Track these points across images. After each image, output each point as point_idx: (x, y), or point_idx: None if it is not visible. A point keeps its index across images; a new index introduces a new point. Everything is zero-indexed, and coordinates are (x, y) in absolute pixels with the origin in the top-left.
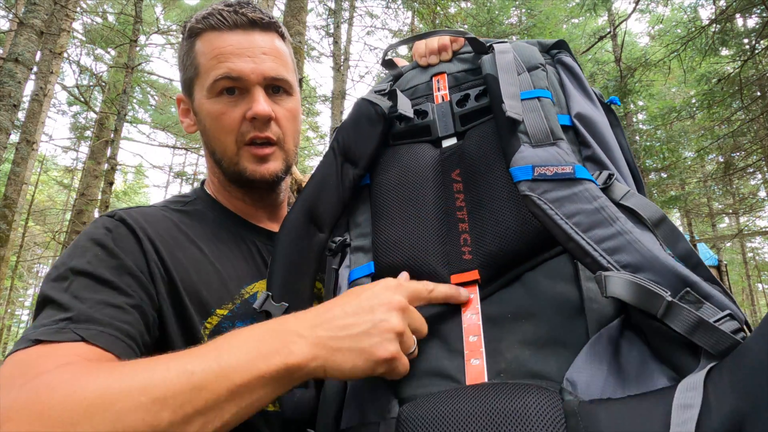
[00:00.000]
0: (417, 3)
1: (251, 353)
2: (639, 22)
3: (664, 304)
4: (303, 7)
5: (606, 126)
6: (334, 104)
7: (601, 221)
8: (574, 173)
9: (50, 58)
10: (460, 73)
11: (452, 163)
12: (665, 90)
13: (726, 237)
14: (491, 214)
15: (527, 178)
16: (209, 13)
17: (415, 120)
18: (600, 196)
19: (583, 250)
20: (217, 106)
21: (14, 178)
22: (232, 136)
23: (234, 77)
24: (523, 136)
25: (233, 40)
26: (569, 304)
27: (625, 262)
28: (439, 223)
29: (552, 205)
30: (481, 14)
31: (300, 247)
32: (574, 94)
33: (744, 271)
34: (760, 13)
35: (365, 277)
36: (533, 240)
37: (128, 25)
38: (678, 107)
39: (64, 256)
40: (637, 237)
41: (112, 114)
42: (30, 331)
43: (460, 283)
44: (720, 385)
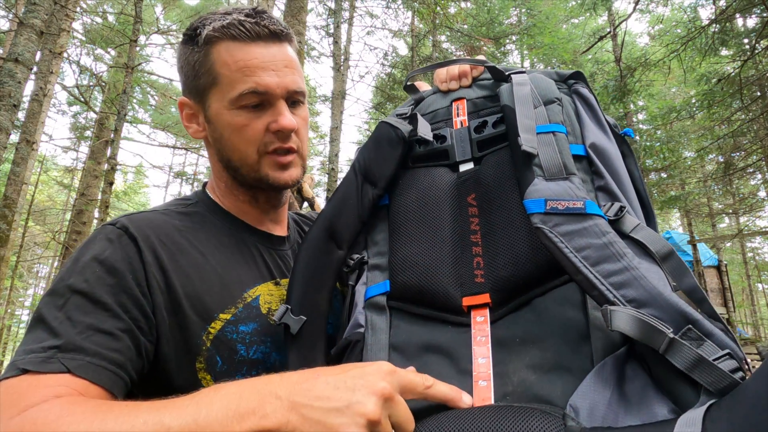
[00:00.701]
0: (417, 3)
1: (229, 412)
2: (639, 22)
3: (666, 341)
4: (303, 7)
5: (618, 157)
6: (334, 104)
7: (609, 256)
8: (585, 209)
9: (50, 58)
10: (479, 99)
11: (468, 188)
12: (665, 90)
13: (726, 237)
14: (505, 240)
15: (540, 211)
16: (229, 23)
17: (434, 144)
18: (609, 231)
19: (590, 283)
20: (240, 118)
21: (14, 178)
22: (254, 146)
23: (261, 92)
24: (537, 168)
25: (257, 53)
26: (576, 330)
27: (631, 297)
28: (454, 245)
29: (562, 238)
30: (481, 14)
31: (319, 263)
32: (589, 125)
33: (744, 271)
34: (760, 13)
35: (381, 296)
36: (544, 267)
37: (128, 25)
38: (678, 107)
39: (64, 270)
40: (643, 273)
41: (112, 114)
42: (19, 356)
43: (472, 306)
44: (718, 423)
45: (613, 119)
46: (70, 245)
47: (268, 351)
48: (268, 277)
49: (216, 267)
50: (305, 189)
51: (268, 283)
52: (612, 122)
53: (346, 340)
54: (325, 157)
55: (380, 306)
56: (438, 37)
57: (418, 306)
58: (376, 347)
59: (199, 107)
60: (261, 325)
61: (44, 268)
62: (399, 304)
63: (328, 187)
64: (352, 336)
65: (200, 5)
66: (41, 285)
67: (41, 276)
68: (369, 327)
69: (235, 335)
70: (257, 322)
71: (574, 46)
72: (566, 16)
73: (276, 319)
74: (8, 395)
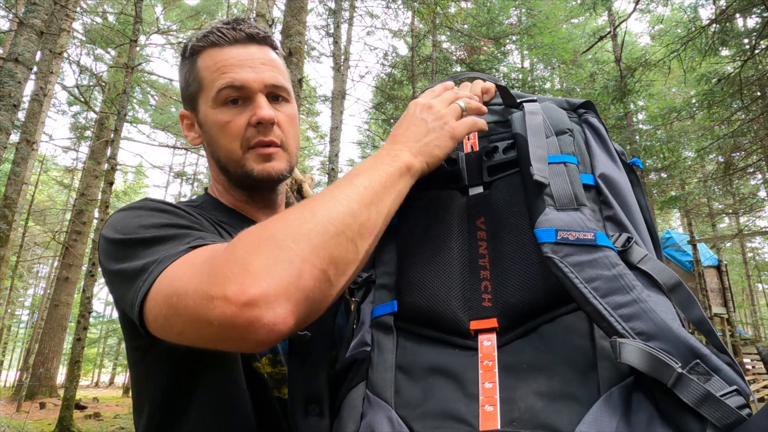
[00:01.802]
0: (417, 3)
1: (379, 170)
2: (639, 22)
3: (674, 375)
4: (303, 7)
5: (628, 187)
6: (334, 104)
7: (618, 288)
8: (595, 240)
9: (50, 58)
10: (489, 125)
11: (478, 212)
12: (665, 90)
13: (726, 237)
14: (514, 266)
15: (550, 240)
16: (209, 32)
17: (445, 167)
18: (619, 263)
19: (600, 314)
20: (223, 116)
21: (14, 178)
22: (237, 141)
23: (237, 86)
24: (549, 198)
25: (234, 53)
26: (583, 359)
27: (640, 329)
28: (462, 268)
29: (573, 268)
30: (481, 14)
31: None
32: (598, 155)
33: (744, 271)
34: (760, 13)
35: (388, 315)
36: (553, 294)
37: (128, 25)
38: (678, 107)
39: (124, 226)
40: (652, 306)
41: (112, 114)
42: (161, 255)
43: (479, 329)
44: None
45: (621, 148)
46: (70, 245)
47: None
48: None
49: None
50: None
51: None
52: (620, 150)
53: (352, 357)
54: (325, 157)
55: (387, 326)
56: (438, 37)
57: (425, 328)
58: (382, 367)
59: (193, 115)
60: None
61: (44, 268)
62: (406, 325)
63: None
64: (357, 354)
65: (200, 5)
66: (41, 285)
67: (41, 276)
68: (375, 346)
69: None
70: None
71: (574, 46)
72: (566, 16)
73: None
74: (203, 253)
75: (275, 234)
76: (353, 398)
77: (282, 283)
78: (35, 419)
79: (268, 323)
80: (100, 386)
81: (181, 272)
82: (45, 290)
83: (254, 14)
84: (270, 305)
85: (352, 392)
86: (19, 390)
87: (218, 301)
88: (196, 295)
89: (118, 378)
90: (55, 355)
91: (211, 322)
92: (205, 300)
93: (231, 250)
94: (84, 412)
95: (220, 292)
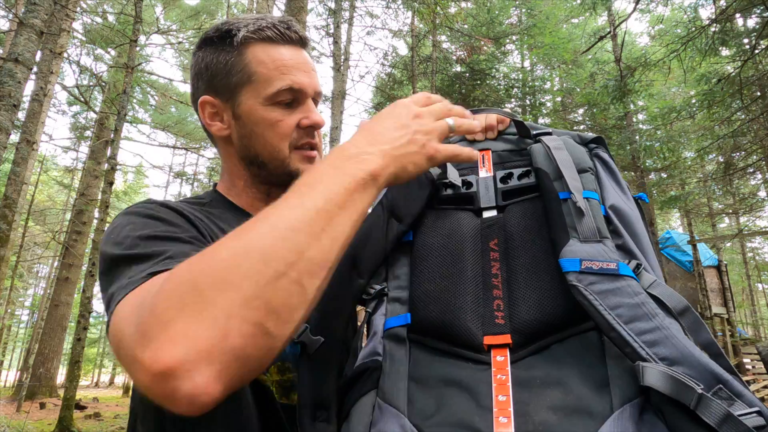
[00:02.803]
0: (417, 3)
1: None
2: (639, 22)
3: (695, 397)
4: (303, 7)
5: (637, 218)
6: (334, 104)
7: (641, 315)
8: (618, 270)
9: (50, 58)
10: (504, 152)
11: (492, 233)
12: (665, 90)
13: (726, 237)
14: (528, 286)
15: (575, 269)
16: (263, 26)
17: (461, 189)
18: (641, 292)
19: (624, 340)
20: (274, 114)
21: (14, 178)
22: (286, 141)
23: (296, 89)
24: (572, 231)
25: (289, 54)
26: (595, 377)
27: (663, 355)
28: (475, 286)
29: (597, 296)
30: (481, 14)
31: (340, 289)
32: (608, 187)
33: (744, 271)
34: (760, 13)
35: (401, 327)
36: (565, 316)
37: (128, 25)
38: (678, 107)
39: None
40: (674, 333)
41: (112, 114)
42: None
43: (493, 345)
44: None
45: (626, 182)
46: (70, 245)
47: None
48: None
49: None
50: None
51: None
52: (625, 185)
53: (363, 365)
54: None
55: (400, 337)
56: (438, 37)
57: (439, 341)
58: (395, 377)
59: (226, 105)
60: None
61: (44, 268)
62: (419, 337)
63: None
64: (369, 363)
65: (200, 5)
66: (41, 285)
67: (41, 276)
68: (387, 356)
69: None
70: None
71: (574, 46)
72: (566, 16)
73: (295, 337)
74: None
75: (199, 282)
76: (364, 405)
77: (202, 347)
78: (35, 419)
79: (186, 394)
80: (100, 386)
81: (125, 312)
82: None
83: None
84: (187, 374)
85: (362, 399)
86: (19, 390)
87: (137, 364)
88: (127, 348)
89: (118, 378)
90: (55, 355)
91: (138, 383)
92: (131, 358)
93: (157, 297)
94: (84, 412)
95: (139, 355)
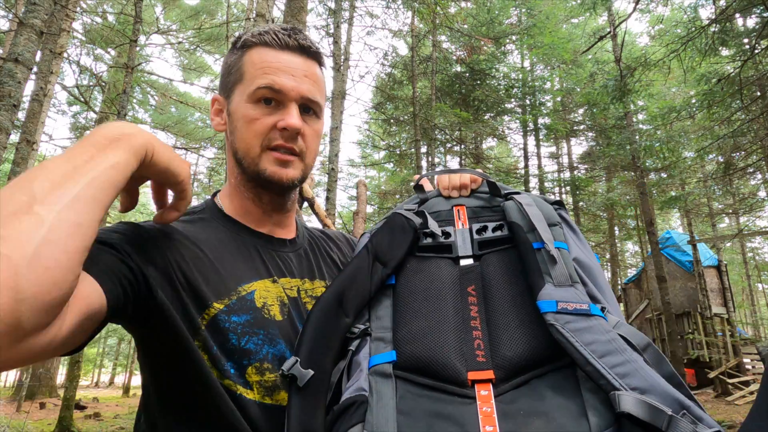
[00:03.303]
0: (417, 3)
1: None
2: (639, 22)
3: (666, 419)
4: (303, 7)
5: (598, 269)
6: (334, 104)
7: (613, 350)
8: (590, 310)
9: (50, 58)
10: (477, 208)
11: (469, 279)
12: (665, 90)
13: (726, 237)
14: (507, 326)
15: (552, 310)
16: (265, 32)
17: (440, 238)
18: (610, 330)
19: (599, 372)
20: (253, 112)
21: (14, 178)
22: (258, 139)
23: (275, 89)
24: (547, 276)
25: (281, 58)
26: (573, 408)
27: (634, 385)
28: (456, 327)
29: (573, 334)
30: (481, 14)
31: (329, 325)
32: (571, 243)
33: (744, 271)
34: (760, 13)
35: (387, 364)
36: (542, 352)
37: (128, 25)
38: (678, 107)
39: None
40: (642, 365)
41: (112, 114)
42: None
43: (476, 380)
44: None
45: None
46: None
47: (260, 343)
48: (265, 275)
49: (213, 261)
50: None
51: (265, 281)
52: (585, 240)
53: (351, 399)
54: (325, 157)
55: (386, 374)
56: (438, 37)
57: (424, 377)
58: (383, 410)
59: (225, 102)
60: (254, 318)
61: None
62: (404, 374)
63: (328, 187)
64: (356, 397)
65: (200, 5)
66: None
67: None
68: (374, 392)
69: (227, 324)
70: (250, 314)
71: (574, 46)
72: (566, 16)
73: (285, 369)
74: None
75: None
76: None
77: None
78: (35, 419)
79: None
80: (100, 386)
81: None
82: None
83: (254, 14)
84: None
85: (351, 430)
86: (19, 390)
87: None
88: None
89: (118, 378)
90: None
91: None
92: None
93: None
94: (84, 412)
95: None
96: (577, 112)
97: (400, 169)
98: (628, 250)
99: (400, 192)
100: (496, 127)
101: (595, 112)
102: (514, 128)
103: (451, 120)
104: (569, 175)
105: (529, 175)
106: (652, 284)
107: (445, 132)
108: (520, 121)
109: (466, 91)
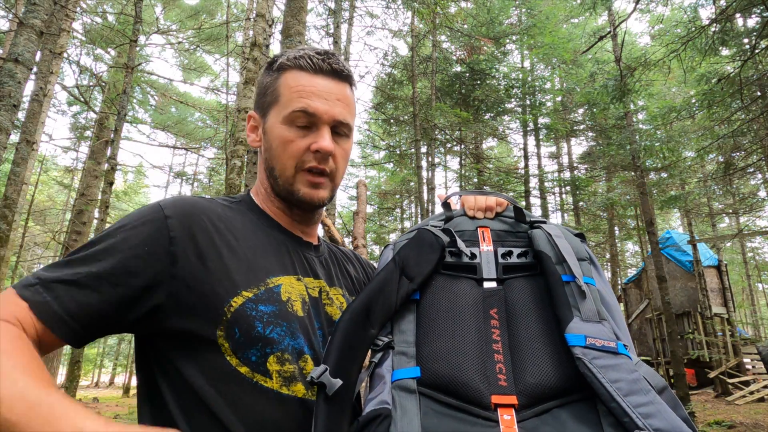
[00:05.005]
0: (417, 3)
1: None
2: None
3: None
4: (303, 7)
5: (616, 305)
6: None
7: (637, 390)
8: (617, 349)
9: (50, 58)
10: (501, 232)
11: (492, 303)
12: (665, 90)
13: (726, 237)
14: (532, 353)
15: (581, 344)
16: (301, 56)
17: (467, 258)
18: (636, 370)
19: (623, 410)
20: (288, 133)
21: (14, 178)
22: (293, 161)
23: (309, 113)
24: (575, 310)
25: (315, 82)
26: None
27: (657, 426)
28: (479, 348)
29: (600, 370)
30: (481, 14)
31: (357, 335)
32: (596, 278)
33: (744, 271)
34: (760, 13)
35: (411, 379)
36: (566, 382)
37: (128, 25)
38: (678, 107)
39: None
40: (666, 408)
41: (112, 114)
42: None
43: (499, 404)
44: None
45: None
46: (70, 245)
47: (283, 334)
48: (291, 272)
49: (246, 251)
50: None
51: (291, 277)
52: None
53: (375, 411)
54: None
55: (410, 389)
56: (438, 37)
57: (447, 395)
58: (408, 426)
59: (261, 120)
60: (279, 310)
61: None
62: (428, 391)
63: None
64: (381, 410)
65: (200, 5)
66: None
67: None
68: (398, 406)
69: (254, 312)
70: (276, 306)
71: (574, 46)
72: (566, 16)
73: (314, 376)
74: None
75: None
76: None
77: None
78: None
79: None
80: (100, 386)
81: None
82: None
83: (254, 14)
84: None
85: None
86: None
87: None
88: None
89: (118, 378)
90: (55, 355)
91: None
92: None
93: None
94: None
95: None
96: (577, 112)
97: (400, 169)
98: (628, 250)
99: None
100: (496, 127)
101: (595, 112)
102: (514, 128)
103: (451, 120)
104: (569, 175)
105: (529, 175)
106: (652, 284)
107: (445, 132)
108: (520, 121)
109: (466, 91)
